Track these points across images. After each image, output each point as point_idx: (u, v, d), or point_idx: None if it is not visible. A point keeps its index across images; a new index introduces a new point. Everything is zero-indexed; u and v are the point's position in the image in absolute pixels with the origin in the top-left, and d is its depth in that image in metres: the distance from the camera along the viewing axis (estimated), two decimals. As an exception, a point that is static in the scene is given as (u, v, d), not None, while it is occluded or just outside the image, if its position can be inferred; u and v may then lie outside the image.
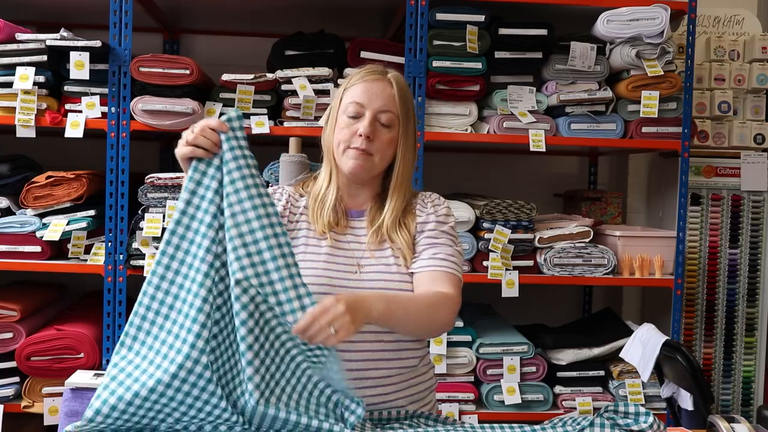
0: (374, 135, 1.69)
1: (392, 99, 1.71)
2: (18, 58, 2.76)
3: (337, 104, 1.74)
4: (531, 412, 2.95)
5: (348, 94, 1.73)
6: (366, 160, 1.69)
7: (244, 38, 3.53)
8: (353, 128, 1.69)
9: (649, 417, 1.50)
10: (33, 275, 3.17)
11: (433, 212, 1.76)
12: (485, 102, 3.04)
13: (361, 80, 1.73)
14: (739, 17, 3.61)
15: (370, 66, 1.78)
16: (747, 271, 3.31)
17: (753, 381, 3.32)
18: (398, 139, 1.72)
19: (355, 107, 1.70)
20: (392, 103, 1.71)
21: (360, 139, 1.68)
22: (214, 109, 2.85)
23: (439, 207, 1.78)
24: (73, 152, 3.22)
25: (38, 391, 2.79)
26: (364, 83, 1.72)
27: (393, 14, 3.17)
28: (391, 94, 1.72)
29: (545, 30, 2.94)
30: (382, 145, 1.70)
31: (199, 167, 1.46)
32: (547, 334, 3.14)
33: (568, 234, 2.99)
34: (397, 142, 1.72)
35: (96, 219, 2.84)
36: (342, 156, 1.71)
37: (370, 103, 1.70)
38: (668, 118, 3.03)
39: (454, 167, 3.64)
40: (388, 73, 1.75)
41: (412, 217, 1.75)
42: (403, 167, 1.74)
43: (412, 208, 1.76)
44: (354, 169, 1.69)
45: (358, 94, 1.71)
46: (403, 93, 1.74)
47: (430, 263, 1.68)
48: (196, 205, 1.45)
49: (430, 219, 1.74)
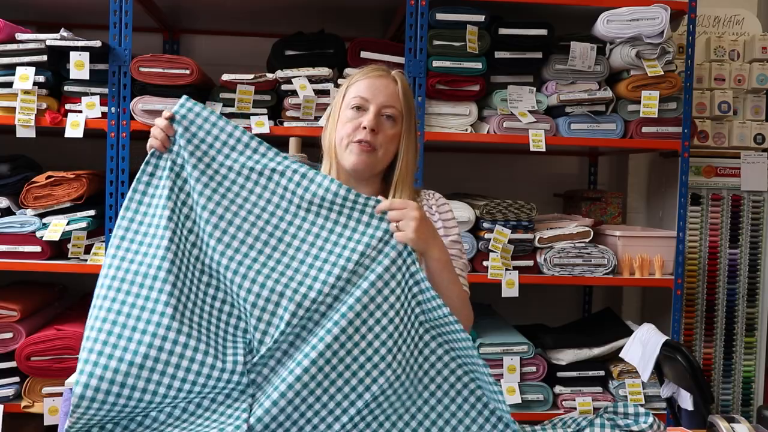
0: (378, 128, 1.69)
1: (396, 95, 1.72)
2: (18, 58, 2.76)
3: (340, 101, 1.75)
4: (531, 412, 2.95)
5: (352, 90, 1.74)
6: (369, 154, 1.69)
7: (244, 38, 3.53)
8: (357, 122, 1.69)
9: (648, 417, 1.51)
10: (33, 275, 3.17)
11: (440, 219, 1.76)
12: (485, 102, 3.04)
13: (365, 77, 1.74)
14: (739, 17, 3.61)
15: (373, 65, 1.79)
16: (747, 271, 3.31)
17: (753, 381, 3.32)
18: (401, 135, 1.73)
19: (360, 101, 1.71)
20: (396, 99, 1.72)
21: (364, 132, 1.68)
22: (214, 109, 2.85)
23: (443, 213, 1.78)
24: (73, 152, 3.22)
25: (38, 391, 2.79)
26: (369, 79, 1.73)
27: (393, 14, 3.17)
28: (395, 90, 1.73)
29: (545, 30, 2.94)
30: (386, 140, 1.71)
31: (151, 161, 1.56)
32: (547, 334, 3.14)
33: (568, 234, 2.99)
34: (399, 139, 1.73)
35: (96, 219, 2.84)
36: (345, 151, 1.71)
37: (375, 97, 1.70)
38: (668, 118, 3.03)
39: (454, 167, 3.64)
40: (394, 71, 1.77)
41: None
42: (406, 164, 1.74)
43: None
44: (357, 164, 1.69)
45: (363, 89, 1.72)
46: (406, 91, 1.75)
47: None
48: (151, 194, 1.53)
49: (437, 226, 1.74)
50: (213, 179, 1.52)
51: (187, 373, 1.40)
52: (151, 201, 1.52)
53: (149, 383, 1.39)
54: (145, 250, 1.48)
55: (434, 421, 1.45)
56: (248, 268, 1.47)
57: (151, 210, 1.51)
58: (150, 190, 1.53)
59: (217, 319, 1.48)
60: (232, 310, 1.49)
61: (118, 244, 1.50)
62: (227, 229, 1.49)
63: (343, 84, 1.80)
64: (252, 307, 1.44)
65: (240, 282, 1.46)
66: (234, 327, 1.48)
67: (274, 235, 1.50)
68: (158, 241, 1.47)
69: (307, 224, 1.51)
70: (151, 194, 1.53)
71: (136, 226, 1.51)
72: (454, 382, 1.47)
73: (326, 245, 1.49)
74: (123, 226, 1.51)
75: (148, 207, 1.52)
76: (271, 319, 1.44)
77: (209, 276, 1.50)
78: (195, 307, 1.46)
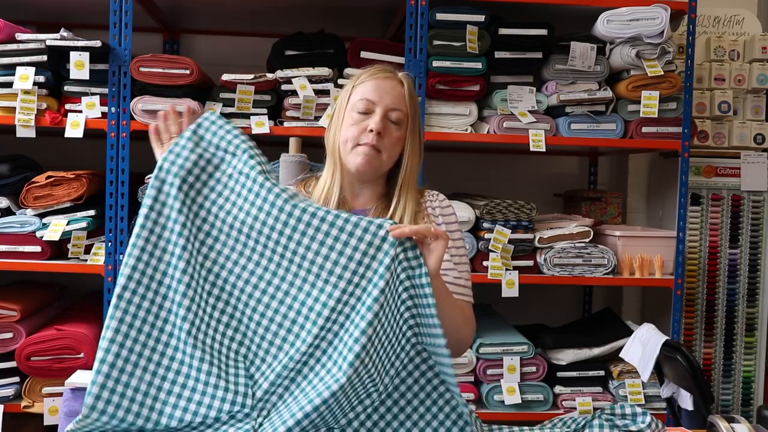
0: (384, 132, 1.68)
1: (402, 98, 1.71)
2: (18, 58, 2.76)
3: (345, 102, 1.73)
4: (531, 412, 2.95)
5: (357, 92, 1.72)
6: (375, 157, 1.68)
7: (244, 38, 3.53)
8: (363, 125, 1.68)
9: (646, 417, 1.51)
10: (33, 275, 3.17)
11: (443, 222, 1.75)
12: (485, 102, 3.04)
13: (371, 78, 1.73)
14: (739, 17, 3.61)
15: (379, 65, 1.77)
16: (747, 271, 3.30)
17: (753, 381, 3.31)
18: (406, 138, 1.72)
19: (366, 104, 1.69)
20: (402, 101, 1.71)
21: (371, 135, 1.67)
22: (214, 109, 2.85)
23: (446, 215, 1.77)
24: (73, 152, 3.22)
25: (38, 391, 2.79)
26: (375, 80, 1.72)
27: (393, 14, 3.17)
28: (402, 92, 1.72)
29: (545, 30, 2.94)
30: (391, 143, 1.70)
31: (160, 174, 1.49)
32: (547, 334, 3.14)
33: (568, 234, 2.99)
34: (404, 142, 1.72)
35: (96, 219, 2.84)
36: (350, 153, 1.69)
37: (381, 100, 1.69)
38: (668, 118, 3.03)
39: (454, 167, 3.64)
40: (398, 72, 1.76)
41: (428, 220, 1.74)
42: (411, 166, 1.73)
43: (422, 210, 1.76)
44: (362, 166, 1.68)
45: (369, 91, 1.70)
46: (412, 93, 1.74)
47: (454, 291, 1.68)
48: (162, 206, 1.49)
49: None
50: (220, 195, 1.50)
51: (193, 393, 1.41)
52: (164, 211, 1.48)
53: (157, 402, 1.40)
54: (168, 259, 1.45)
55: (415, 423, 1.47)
56: (262, 292, 1.45)
57: (167, 222, 1.47)
58: (160, 200, 1.48)
59: (222, 335, 1.46)
60: (235, 335, 1.47)
61: (138, 255, 1.46)
62: (235, 246, 1.47)
63: (347, 84, 1.78)
64: (264, 333, 1.44)
65: (253, 305, 1.45)
66: (236, 351, 1.46)
67: (285, 256, 1.45)
68: (174, 249, 1.45)
69: (316, 244, 1.46)
70: (162, 206, 1.48)
71: (154, 239, 1.47)
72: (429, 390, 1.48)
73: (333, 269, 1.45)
74: (142, 237, 1.46)
75: (161, 216, 1.48)
76: (282, 344, 1.43)
77: (220, 289, 1.48)
78: (209, 328, 1.45)
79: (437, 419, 1.46)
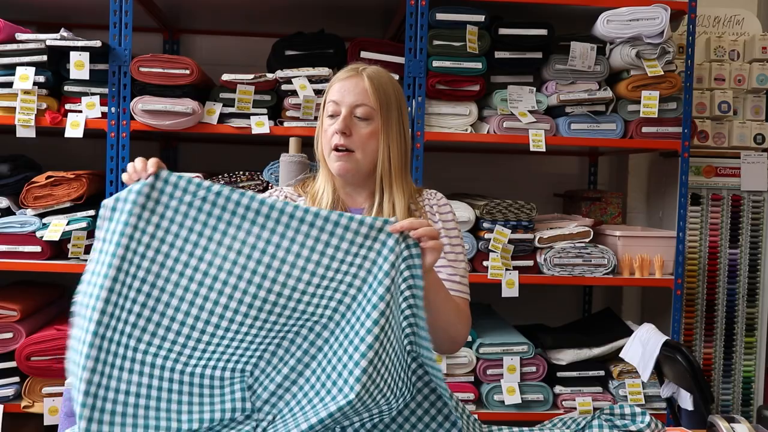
0: (350, 130, 1.68)
1: (365, 92, 1.70)
2: (18, 58, 2.75)
3: (322, 108, 1.76)
4: (531, 412, 2.95)
5: (328, 96, 1.74)
6: (348, 158, 1.69)
7: (244, 38, 3.53)
8: (332, 128, 1.69)
9: (645, 416, 1.50)
10: (33, 275, 3.17)
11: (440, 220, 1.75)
12: (485, 102, 3.04)
13: (336, 80, 1.74)
14: (739, 17, 3.61)
15: (349, 66, 1.78)
16: (747, 271, 3.30)
17: (753, 381, 3.32)
18: (379, 131, 1.70)
19: (333, 106, 1.71)
20: (365, 96, 1.69)
21: (337, 137, 1.68)
22: (214, 109, 2.85)
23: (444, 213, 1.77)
24: (73, 152, 3.22)
25: (38, 391, 2.79)
26: (339, 82, 1.73)
27: (393, 14, 3.17)
28: (364, 88, 1.70)
29: (545, 30, 2.94)
30: (362, 140, 1.69)
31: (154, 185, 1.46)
32: (547, 334, 3.14)
33: (568, 234, 2.99)
34: (378, 135, 1.70)
35: (96, 219, 2.84)
36: (329, 159, 1.71)
37: (344, 99, 1.70)
38: (668, 118, 3.03)
39: (454, 167, 3.64)
40: (364, 69, 1.74)
41: (424, 218, 1.74)
42: (389, 159, 1.71)
43: (420, 209, 1.76)
44: (340, 170, 1.70)
45: (334, 93, 1.72)
46: (379, 85, 1.71)
47: (450, 287, 1.68)
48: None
49: (437, 227, 1.73)
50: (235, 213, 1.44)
51: (190, 406, 1.40)
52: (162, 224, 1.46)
53: (149, 418, 1.37)
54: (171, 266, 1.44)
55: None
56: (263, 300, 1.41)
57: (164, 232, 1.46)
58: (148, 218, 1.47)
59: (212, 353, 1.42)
60: (226, 350, 1.43)
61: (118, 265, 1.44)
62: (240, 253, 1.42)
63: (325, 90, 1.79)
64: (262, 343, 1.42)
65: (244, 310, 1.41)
66: (232, 370, 1.43)
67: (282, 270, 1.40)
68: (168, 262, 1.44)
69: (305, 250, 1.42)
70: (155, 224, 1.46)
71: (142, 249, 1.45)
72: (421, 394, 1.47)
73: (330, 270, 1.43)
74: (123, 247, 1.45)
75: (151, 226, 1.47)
76: (284, 355, 1.42)
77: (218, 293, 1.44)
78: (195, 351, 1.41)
79: (429, 428, 1.45)
